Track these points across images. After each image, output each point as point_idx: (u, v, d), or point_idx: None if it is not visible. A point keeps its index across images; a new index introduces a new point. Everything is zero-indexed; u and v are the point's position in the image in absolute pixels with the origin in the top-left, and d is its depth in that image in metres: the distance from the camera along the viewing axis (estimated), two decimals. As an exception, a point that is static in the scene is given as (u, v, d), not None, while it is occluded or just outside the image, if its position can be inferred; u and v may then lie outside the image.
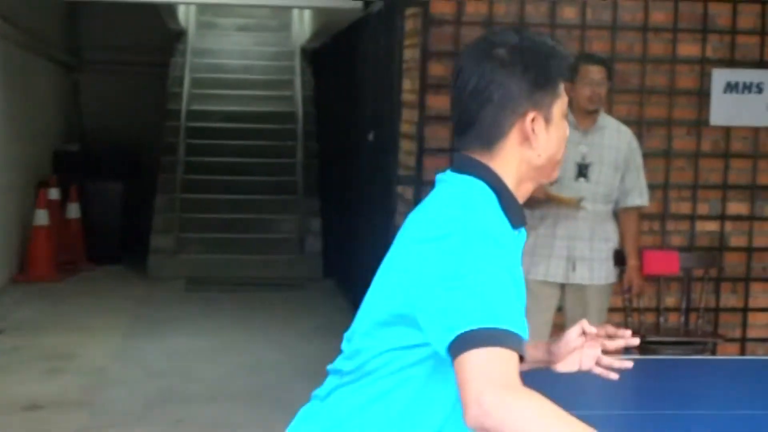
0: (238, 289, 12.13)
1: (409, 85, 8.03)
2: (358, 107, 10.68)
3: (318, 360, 8.78)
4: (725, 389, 4.64)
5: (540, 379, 2.53)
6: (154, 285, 12.28)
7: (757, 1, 7.87)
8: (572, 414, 2.07)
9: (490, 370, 2.05)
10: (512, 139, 2.42)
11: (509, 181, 2.43)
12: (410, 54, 8.00)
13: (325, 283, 12.66)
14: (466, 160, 2.46)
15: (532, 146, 2.43)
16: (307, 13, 15.51)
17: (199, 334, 9.80)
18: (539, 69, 2.43)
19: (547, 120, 2.44)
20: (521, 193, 2.46)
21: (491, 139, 2.43)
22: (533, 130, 2.41)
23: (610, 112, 6.94)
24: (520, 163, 2.44)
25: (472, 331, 2.10)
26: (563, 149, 2.51)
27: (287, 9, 16.46)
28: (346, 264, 11.43)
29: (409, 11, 8.01)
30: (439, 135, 7.57)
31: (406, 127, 8.09)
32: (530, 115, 2.41)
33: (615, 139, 6.33)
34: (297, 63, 16.28)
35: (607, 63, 6.43)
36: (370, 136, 9.49)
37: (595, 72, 6.22)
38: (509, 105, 2.41)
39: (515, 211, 2.40)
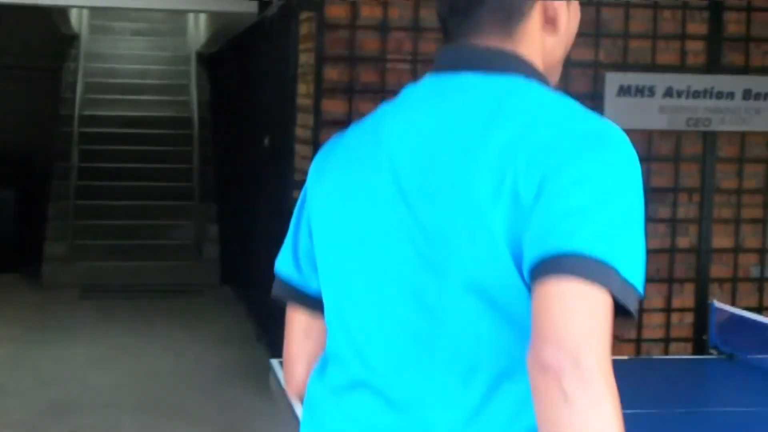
0: (134, 297, 11.99)
1: (304, 90, 7.99)
2: (254, 112, 10.62)
3: (215, 368, 8.74)
4: (621, 389, 4.67)
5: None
6: (49, 293, 12.09)
7: (648, 6, 7.96)
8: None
9: (604, 327, 1.60)
10: (534, 20, 1.86)
11: None
12: (305, 58, 7.96)
13: (222, 289, 12.57)
14: (495, 53, 1.83)
15: (557, 30, 1.89)
16: (202, 18, 15.40)
17: (94, 343, 9.66)
18: None
19: None
20: None
21: (512, 19, 1.84)
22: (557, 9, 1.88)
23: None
24: (543, 55, 1.91)
25: (601, 261, 1.61)
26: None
27: (182, 13, 16.33)
28: (243, 270, 11.36)
29: (303, 16, 7.97)
30: (335, 139, 7.52)
31: (301, 132, 8.05)
32: None
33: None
34: (192, 68, 16.16)
35: None
36: (266, 141, 9.43)
37: None
38: None
39: None
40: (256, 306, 9.74)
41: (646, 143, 7.97)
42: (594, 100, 7.84)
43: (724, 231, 8.16)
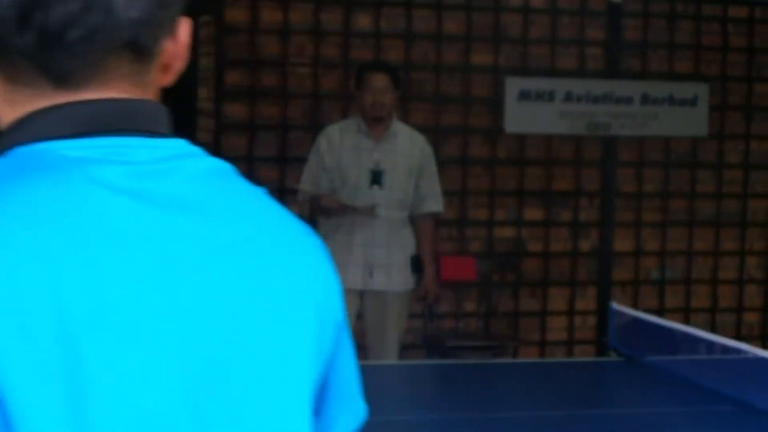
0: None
1: (204, 94, 7.92)
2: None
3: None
4: (526, 391, 4.69)
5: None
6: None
7: (547, 12, 8.02)
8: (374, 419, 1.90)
9: None
10: (156, 66, 1.28)
11: None
12: (205, 62, 7.89)
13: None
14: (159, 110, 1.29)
15: (166, 79, 1.33)
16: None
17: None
18: None
19: None
20: None
21: (143, 62, 1.25)
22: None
23: (406, 119, 6.96)
24: None
25: None
26: None
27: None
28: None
29: (202, 19, 7.90)
30: (236, 144, 7.48)
31: (203, 136, 7.97)
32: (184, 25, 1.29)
33: (407, 146, 6.29)
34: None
35: (392, 70, 6.34)
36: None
37: (378, 80, 6.13)
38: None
39: None
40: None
41: (546, 147, 8.02)
42: (495, 105, 7.88)
43: (624, 234, 8.24)
